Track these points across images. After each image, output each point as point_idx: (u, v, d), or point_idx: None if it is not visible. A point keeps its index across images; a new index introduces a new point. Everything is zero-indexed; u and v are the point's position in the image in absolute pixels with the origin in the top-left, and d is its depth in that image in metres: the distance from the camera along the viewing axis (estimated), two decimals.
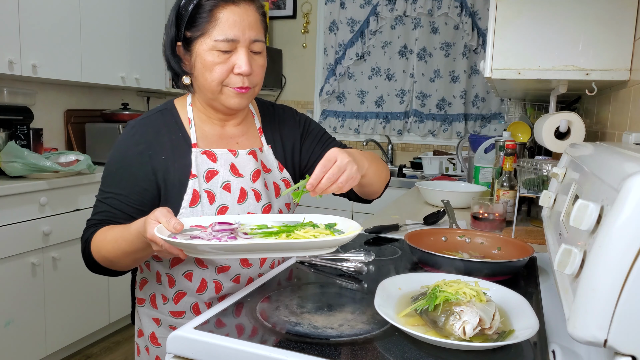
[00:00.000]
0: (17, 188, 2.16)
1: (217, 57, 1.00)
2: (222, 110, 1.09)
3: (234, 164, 1.10)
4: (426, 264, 1.10)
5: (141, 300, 1.16)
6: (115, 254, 0.98)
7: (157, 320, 1.13)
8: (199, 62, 1.01)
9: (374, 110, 3.78)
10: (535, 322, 0.74)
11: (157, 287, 1.12)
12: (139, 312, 1.16)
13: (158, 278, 1.12)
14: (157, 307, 1.12)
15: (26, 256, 2.24)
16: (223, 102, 1.05)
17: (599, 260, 0.49)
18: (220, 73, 1.01)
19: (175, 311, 1.11)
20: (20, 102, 2.61)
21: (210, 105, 1.09)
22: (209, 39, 0.99)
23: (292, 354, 0.70)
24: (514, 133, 2.22)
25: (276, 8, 3.97)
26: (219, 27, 0.98)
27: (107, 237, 0.99)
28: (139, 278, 1.16)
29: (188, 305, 1.10)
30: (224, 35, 0.99)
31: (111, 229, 1.00)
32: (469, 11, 3.41)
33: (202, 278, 1.09)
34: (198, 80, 1.04)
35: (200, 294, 1.09)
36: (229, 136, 1.13)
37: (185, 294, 1.10)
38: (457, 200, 1.87)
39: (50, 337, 2.40)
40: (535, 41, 1.42)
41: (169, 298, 1.11)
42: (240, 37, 1.00)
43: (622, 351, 0.50)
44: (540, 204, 1.02)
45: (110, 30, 2.86)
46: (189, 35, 1.02)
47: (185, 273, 1.09)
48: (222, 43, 0.99)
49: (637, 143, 1.07)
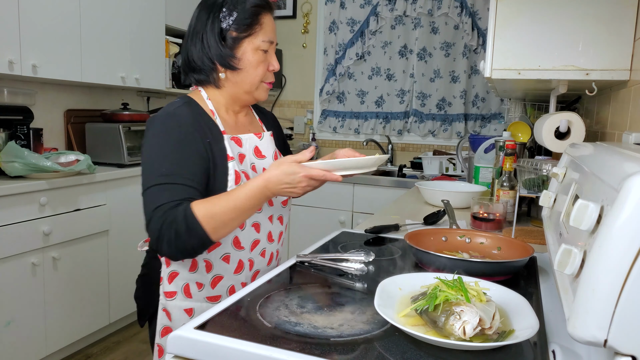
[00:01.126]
0: (17, 188, 2.16)
1: (261, 56, 1.16)
2: (248, 102, 1.23)
3: (257, 146, 1.24)
4: (426, 264, 1.10)
5: (171, 294, 1.17)
6: (235, 214, 1.02)
7: (189, 311, 1.16)
8: (246, 59, 1.15)
9: (374, 110, 3.78)
10: (535, 322, 0.74)
11: (190, 275, 1.16)
12: (168, 306, 1.17)
13: (193, 266, 1.15)
14: (192, 296, 1.16)
15: (26, 256, 2.24)
16: (256, 95, 1.20)
17: (599, 260, 0.49)
18: (263, 70, 1.17)
19: (212, 296, 1.18)
20: (20, 102, 2.61)
21: (236, 98, 1.21)
22: (256, 39, 1.14)
23: (292, 354, 0.70)
24: (514, 133, 2.22)
25: (276, 8, 3.98)
26: (264, 31, 1.15)
27: (219, 203, 1.01)
28: (166, 273, 1.17)
29: (225, 289, 1.18)
30: (268, 37, 1.16)
31: (216, 198, 1.03)
32: (469, 11, 3.41)
33: (239, 259, 1.18)
34: (240, 75, 1.16)
35: (237, 275, 1.19)
36: (241, 125, 1.26)
37: (222, 277, 1.17)
38: (457, 200, 1.87)
39: (50, 337, 2.40)
40: (535, 41, 1.42)
41: (206, 284, 1.16)
42: (274, 40, 1.19)
43: (622, 351, 0.50)
44: (540, 204, 1.02)
45: (110, 30, 2.86)
46: (235, 35, 1.13)
47: (223, 256, 1.16)
48: (266, 44, 1.16)
49: (637, 143, 1.07)
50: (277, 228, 1.28)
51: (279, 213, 1.29)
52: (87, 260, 2.59)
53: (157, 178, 1.03)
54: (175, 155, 1.05)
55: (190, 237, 0.99)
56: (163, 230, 1.00)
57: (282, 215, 1.30)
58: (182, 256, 1.04)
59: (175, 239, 0.99)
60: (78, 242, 2.52)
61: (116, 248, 2.78)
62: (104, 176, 2.63)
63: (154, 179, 1.04)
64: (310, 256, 1.15)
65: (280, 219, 1.29)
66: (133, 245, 2.94)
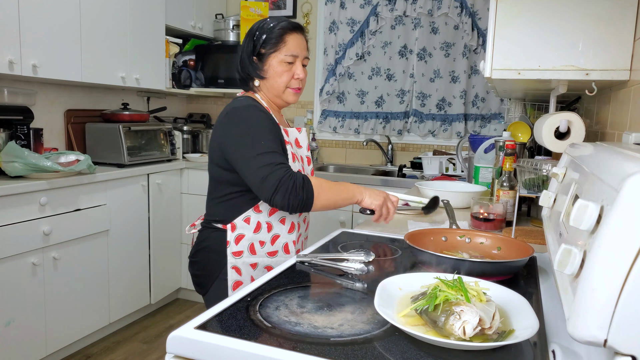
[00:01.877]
0: (17, 188, 2.16)
1: (285, 67, 1.45)
2: (281, 104, 1.55)
3: (297, 138, 1.57)
4: (426, 264, 1.10)
5: (238, 253, 1.46)
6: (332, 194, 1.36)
7: (254, 265, 1.47)
8: (272, 70, 1.46)
9: (374, 110, 3.78)
10: (535, 322, 0.74)
11: (254, 236, 1.46)
12: (237, 264, 1.46)
13: (257, 228, 1.46)
14: (256, 253, 1.47)
15: (26, 256, 2.24)
16: (284, 98, 1.50)
17: (599, 260, 0.49)
18: (287, 78, 1.46)
19: (272, 251, 1.48)
20: (20, 102, 2.61)
21: (272, 100, 1.52)
22: (280, 54, 1.44)
23: (292, 354, 0.70)
24: (514, 133, 2.21)
25: (276, 8, 3.97)
26: (287, 47, 1.44)
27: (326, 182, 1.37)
28: (232, 237, 1.46)
29: (281, 245, 1.49)
30: (291, 52, 1.45)
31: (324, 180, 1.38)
32: (469, 11, 3.41)
33: (291, 221, 1.51)
34: (269, 82, 1.47)
35: (290, 234, 1.50)
36: (281, 123, 1.52)
37: (279, 235, 1.49)
38: (457, 200, 1.87)
39: (50, 337, 2.40)
40: (535, 41, 1.42)
41: (267, 241, 1.48)
42: (300, 54, 1.47)
43: (622, 351, 0.50)
44: (540, 204, 1.02)
45: (110, 30, 2.86)
46: (264, 52, 1.45)
47: (280, 219, 1.49)
48: (289, 57, 1.45)
49: (637, 143, 1.07)
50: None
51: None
52: (87, 260, 2.59)
53: (264, 146, 1.33)
54: (270, 135, 1.37)
55: (303, 191, 1.30)
56: (283, 181, 1.28)
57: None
58: (287, 204, 1.29)
59: (292, 188, 1.28)
60: (78, 242, 2.52)
61: (116, 248, 2.79)
62: (104, 176, 2.63)
63: (262, 147, 1.33)
64: (310, 256, 1.15)
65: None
66: (133, 245, 2.95)
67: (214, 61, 3.62)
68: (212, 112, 4.12)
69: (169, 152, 3.26)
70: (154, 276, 3.12)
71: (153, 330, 2.99)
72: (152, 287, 3.12)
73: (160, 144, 3.21)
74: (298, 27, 1.48)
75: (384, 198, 1.41)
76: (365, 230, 1.51)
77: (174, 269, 3.33)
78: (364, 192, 1.41)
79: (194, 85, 3.63)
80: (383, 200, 1.41)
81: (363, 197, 1.40)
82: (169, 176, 3.20)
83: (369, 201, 1.40)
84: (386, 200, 1.42)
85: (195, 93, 3.68)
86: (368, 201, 1.40)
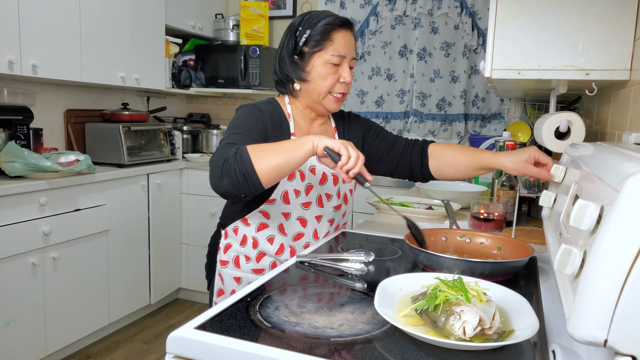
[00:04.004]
0: (17, 188, 2.16)
1: (330, 69, 1.27)
2: (320, 112, 1.35)
3: None
4: (426, 264, 1.10)
5: (225, 262, 1.38)
6: (276, 151, 1.08)
7: (237, 279, 1.37)
8: (315, 71, 1.27)
9: (374, 110, 3.78)
10: (535, 322, 0.74)
11: (240, 249, 1.35)
12: (222, 273, 1.38)
13: (243, 241, 1.35)
14: (240, 267, 1.36)
15: (26, 256, 2.24)
16: (325, 105, 1.31)
17: (599, 260, 0.49)
18: (331, 81, 1.28)
19: (257, 268, 1.35)
20: (20, 102, 2.61)
21: (311, 107, 1.34)
22: (325, 54, 1.26)
23: (292, 354, 0.70)
24: (514, 133, 2.21)
25: (276, 8, 3.97)
26: (334, 46, 1.26)
27: (264, 144, 1.12)
28: (223, 244, 1.38)
29: (267, 264, 1.35)
30: (338, 52, 1.26)
31: (262, 143, 1.15)
32: (469, 11, 3.41)
33: (281, 243, 1.34)
34: (310, 85, 1.29)
35: (278, 256, 1.34)
36: (313, 132, 1.38)
37: (265, 254, 1.34)
38: (457, 200, 1.87)
39: (50, 337, 2.40)
40: (535, 41, 1.42)
41: (252, 258, 1.35)
42: (347, 55, 1.28)
43: (622, 351, 0.50)
44: (540, 204, 1.02)
45: (110, 30, 2.86)
46: (306, 50, 1.27)
47: (268, 237, 1.33)
48: (336, 57, 1.26)
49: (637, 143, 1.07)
50: (324, 228, 1.39)
51: (330, 216, 1.40)
52: (87, 260, 2.59)
53: (228, 137, 1.19)
54: (246, 123, 1.23)
55: (236, 162, 1.07)
56: (210, 162, 1.12)
57: (333, 219, 1.41)
58: (228, 181, 1.08)
59: (222, 164, 1.08)
60: (78, 242, 2.52)
61: (116, 248, 2.79)
62: (104, 176, 2.63)
63: (227, 137, 1.19)
64: (310, 256, 1.15)
65: (330, 222, 1.41)
66: (133, 245, 2.94)
67: (214, 61, 3.62)
68: (212, 112, 4.12)
69: (168, 152, 3.26)
70: (154, 276, 3.12)
71: (153, 330, 2.98)
72: (152, 287, 3.12)
73: (160, 144, 3.21)
74: (347, 23, 1.29)
75: (346, 142, 1.11)
76: (365, 230, 1.51)
77: (174, 269, 3.33)
78: (318, 136, 1.10)
79: (193, 85, 3.63)
80: (344, 142, 1.10)
81: (319, 139, 1.08)
82: (169, 176, 3.20)
83: (329, 142, 1.08)
84: (348, 144, 1.10)
85: (195, 93, 3.68)
86: (329, 142, 1.08)
